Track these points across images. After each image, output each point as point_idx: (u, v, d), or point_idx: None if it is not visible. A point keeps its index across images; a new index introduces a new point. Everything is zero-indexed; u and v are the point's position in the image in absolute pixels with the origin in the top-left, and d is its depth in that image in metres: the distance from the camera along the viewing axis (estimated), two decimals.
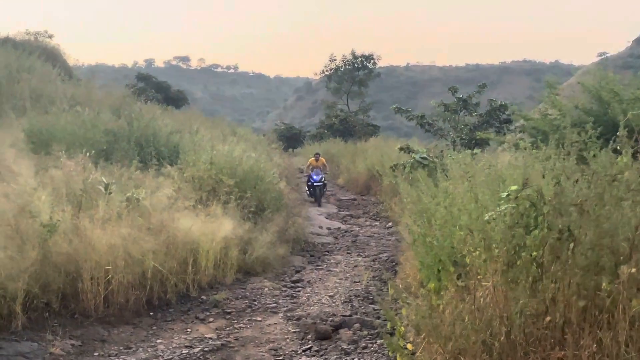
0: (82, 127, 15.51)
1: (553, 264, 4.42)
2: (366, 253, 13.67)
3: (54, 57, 33.37)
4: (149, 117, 18.46)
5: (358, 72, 47.99)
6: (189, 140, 16.89)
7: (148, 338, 7.75)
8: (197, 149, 15.03)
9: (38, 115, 16.59)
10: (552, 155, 6.67)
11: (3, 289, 7.17)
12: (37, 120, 15.82)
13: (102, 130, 15.71)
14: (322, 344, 7.55)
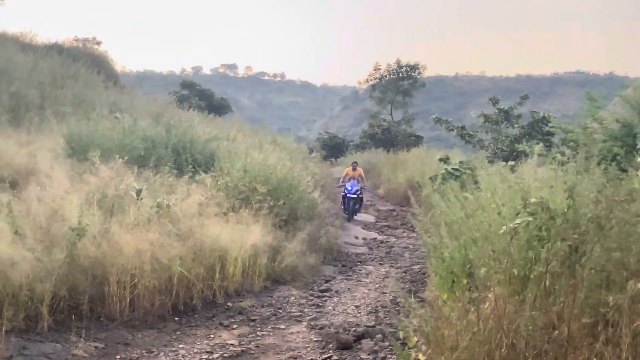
0: (120, 133, 15.83)
1: (563, 278, 4.45)
2: (399, 264, 13.70)
3: (101, 64, 33.92)
4: (187, 125, 18.76)
5: (402, 81, 47.92)
6: (226, 148, 17.07)
7: (171, 343, 7.90)
8: (232, 156, 15.20)
9: (78, 121, 16.95)
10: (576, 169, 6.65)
11: (30, 290, 7.39)
12: (77, 126, 16.15)
13: (140, 136, 16.00)
14: (342, 354, 7.61)
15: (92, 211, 9.12)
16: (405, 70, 47.69)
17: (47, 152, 13.56)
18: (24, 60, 23.07)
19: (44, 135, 15.71)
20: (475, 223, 6.31)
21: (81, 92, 22.86)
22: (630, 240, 4.33)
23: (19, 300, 7.30)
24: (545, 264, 4.60)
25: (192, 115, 25.14)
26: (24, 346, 6.93)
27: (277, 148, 20.65)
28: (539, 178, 6.97)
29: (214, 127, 22.75)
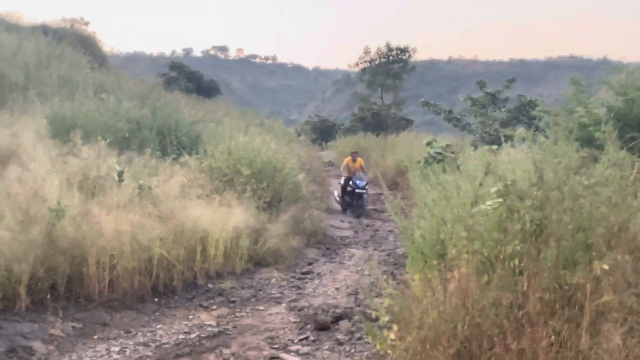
0: (105, 114, 15.83)
1: (529, 258, 4.54)
2: (383, 247, 13.81)
3: (88, 45, 33.77)
4: (173, 107, 18.78)
5: (393, 64, 47.90)
6: (212, 130, 17.11)
7: (149, 323, 7.98)
8: (217, 139, 15.24)
9: (62, 102, 16.93)
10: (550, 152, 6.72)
11: (8, 271, 7.44)
12: (60, 107, 16.13)
13: (125, 118, 16.01)
14: (319, 335, 7.71)
15: (73, 192, 9.15)
16: (396, 53, 47.65)
17: (30, 133, 13.55)
18: (9, 41, 22.99)
19: (28, 116, 15.67)
20: (450, 205, 6.40)
21: (66, 73, 22.74)
22: (594, 222, 4.42)
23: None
24: (512, 244, 4.69)
25: (179, 97, 25.08)
26: (0, 326, 7.00)
27: (264, 131, 20.71)
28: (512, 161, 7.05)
29: (201, 110, 22.77)
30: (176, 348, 7.15)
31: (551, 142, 6.89)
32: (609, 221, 4.35)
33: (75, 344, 7.10)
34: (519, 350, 4.02)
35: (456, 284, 4.62)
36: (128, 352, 6.95)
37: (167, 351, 7.05)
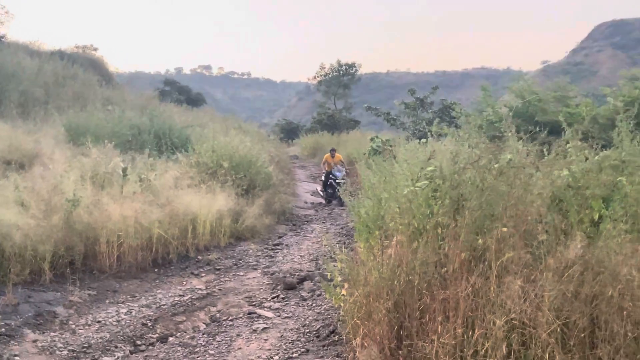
0: (111, 122, 15.63)
1: (449, 226, 4.58)
2: (337, 222, 13.83)
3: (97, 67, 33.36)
4: (166, 115, 18.61)
5: (343, 77, 47.94)
6: (199, 133, 16.99)
7: (150, 289, 7.90)
8: (203, 139, 15.13)
9: (76, 113, 16.71)
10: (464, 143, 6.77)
11: (34, 250, 7.33)
12: (75, 117, 15.94)
13: (128, 125, 15.83)
14: (287, 293, 7.73)
15: (86, 186, 9.04)
16: (345, 68, 47.73)
17: (50, 139, 13.35)
18: (31, 64, 22.56)
19: (48, 126, 15.45)
20: (387, 187, 6.44)
21: (79, 90, 22.47)
22: (497, 196, 4.47)
23: (25, 258, 7.25)
24: (436, 216, 4.72)
25: (172, 107, 24.83)
26: (29, 295, 6.88)
27: (241, 132, 20.59)
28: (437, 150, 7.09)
29: (190, 117, 22.62)
30: (173, 308, 7.09)
31: (465, 136, 6.96)
32: (508, 196, 4.40)
33: (91, 307, 7.01)
34: (443, 299, 4.05)
35: (393, 250, 4.64)
36: (134, 313, 6.88)
37: (165, 311, 6.99)
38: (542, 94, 12.45)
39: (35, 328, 6.20)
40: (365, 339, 4.53)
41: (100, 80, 27.41)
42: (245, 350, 5.57)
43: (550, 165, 5.14)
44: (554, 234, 4.24)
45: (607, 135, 7.67)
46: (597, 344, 3.32)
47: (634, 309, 3.26)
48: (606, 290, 3.43)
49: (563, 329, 3.46)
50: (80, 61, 29.15)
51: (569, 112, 11.26)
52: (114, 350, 5.83)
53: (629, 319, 3.25)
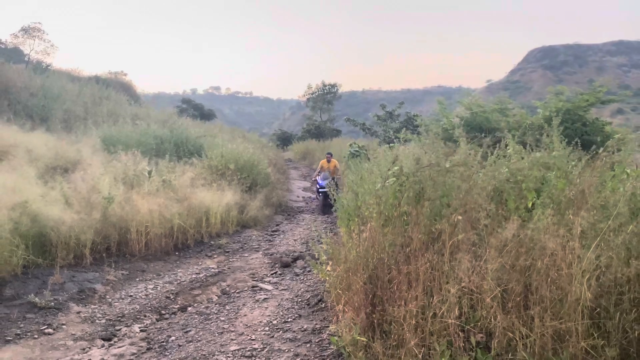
0: (138, 133, 15.51)
1: (412, 214, 4.59)
2: None
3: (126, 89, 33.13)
4: (184, 127, 18.48)
5: (327, 95, 47.86)
6: (210, 142, 16.90)
7: (172, 269, 7.88)
8: (213, 147, 15.06)
9: (110, 127, 16.57)
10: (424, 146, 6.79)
11: (77, 239, 7.29)
12: (109, 130, 15.80)
13: (152, 135, 15.70)
14: (284, 270, 7.72)
15: (118, 185, 8.99)
16: (328, 87, 47.65)
17: (89, 148, 13.21)
18: (73, 88, 22.40)
19: (87, 137, 15.27)
20: (363, 183, 6.45)
21: (112, 108, 22.25)
22: (451, 190, 4.49)
23: (69, 245, 7.22)
24: (402, 206, 4.73)
25: (188, 121, 24.64)
26: (73, 275, 6.84)
27: (245, 141, 20.50)
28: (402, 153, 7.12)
29: (203, 129, 22.45)
30: (190, 283, 7.07)
31: (425, 141, 7.00)
32: (460, 189, 4.43)
33: (124, 284, 6.97)
34: (407, 273, 4.06)
35: (367, 233, 4.65)
36: (159, 288, 6.85)
37: (184, 286, 6.97)
38: (487, 107, 12.52)
39: (79, 302, 6.17)
40: (346, 306, 4.55)
41: (129, 100, 27.22)
42: (250, 317, 5.57)
43: (492, 164, 5.19)
44: (495, 219, 4.28)
45: (538, 139, 7.74)
46: (530, 305, 3.36)
47: (558, 277, 3.29)
48: (536, 263, 3.46)
49: (503, 294, 3.49)
50: (112, 84, 28.96)
51: (508, 121, 11.35)
52: (143, 319, 5.80)
53: (554, 285, 3.29)
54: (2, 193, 6.74)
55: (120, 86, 31.89)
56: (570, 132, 9.97)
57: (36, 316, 5.58)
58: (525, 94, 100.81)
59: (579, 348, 3.07)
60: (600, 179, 3.98)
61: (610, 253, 3.31)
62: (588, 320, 3.12)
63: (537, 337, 3.19)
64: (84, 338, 5.16)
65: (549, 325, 3.18)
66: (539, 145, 6.00)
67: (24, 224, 6.65)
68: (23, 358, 4.57)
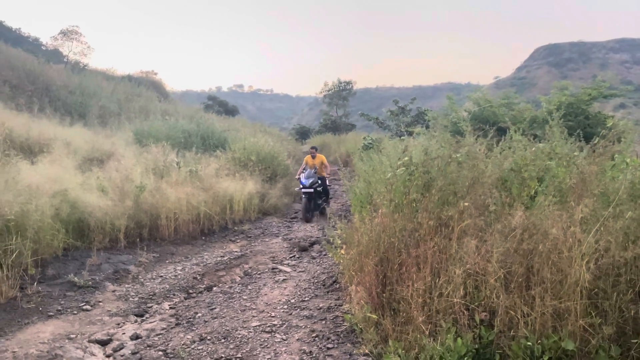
0: (168, 128, 15.65)
1: (421, 201, 4.58)
2: (339, 201, 13.77)
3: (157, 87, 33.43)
4: (209, 122, 18.59)
5: (342, 92, 47.65)
6: (234, 136, 17.00)
7: (199, 252, 7.96)
8: (237, 140, 15.15)
9: (141, 122, 16.75)
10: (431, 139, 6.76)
11: (112, 224, 7.41)
12: (140, 124, 15.97)
13: (180, 130, 15.84)
14: (301, 254, 7.75)
15: (149, 175, 9.10)
16: (343, 84, 47.46)
17: (122, 141, 13.41)
18: (108, 86, 22.67)
19: (120, 131, 15.50)
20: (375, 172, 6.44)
21: (144, 104, 22.53)
22: (458, 179, 4.47)
23: (105, 230, 7.33)
24: (412, 194, 4.72)
25: (213, 116, 24.77)
26: (108, 257, 6.96)
27: (266, 135, 20.56)
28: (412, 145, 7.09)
29: (227, 124, 22.57)
30: (215, 265, 7.15)
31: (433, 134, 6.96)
32: (467, 178, 4.40)
33: (155, 266, 7.08)
34: (416, 256, 4.06)
35: (379, 219, 4.65)
36: (187, 269, 6.94)
37: (210, 267, 7.05)
38: (494, 102, 12.36)
39: (114, 281, 6.28)
40: (358, 286, 4.56)
41: (159, 97, 27.50)
42: (270, 296, 5.62)
43: (497, 155, 5.15)
44: (501, 206, 4.25)
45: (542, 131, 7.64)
46: (531, 286, 3.33)
47: (559, 259, 3.26)
48: (539, 246, 3.43)
49: (506, 276, 3.47)
50: (144, 83, 29.24)
51: (513, 115, 11.20)
52: (172, 297, 5.89)
53: (555, 267, 3.26)
54: (44, 182, 6.86)
55: (151, 84, 32.17)
56: (573, 125, 9.81)
57: (75, 294, 5.70)
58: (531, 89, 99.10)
59: (577, 326, 3.04)
60: (600, 168, 3.92)
61: (609, 237, 3.26)
62: (586, 300, 3.09)
63: (538, 316, 3.17)
64: (119, 314, 5.26)
65: (549, 304, 3.16)
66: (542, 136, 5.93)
67: (64, 210, 6.78)
68: (64, 331, 4.68)
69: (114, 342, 4.58)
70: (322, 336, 4.34)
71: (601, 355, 2.96)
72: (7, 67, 17.92)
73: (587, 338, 3.04)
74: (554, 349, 3.05)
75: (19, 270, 5.48)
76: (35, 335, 4.51)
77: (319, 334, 4.39)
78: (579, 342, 3.03)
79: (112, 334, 4.74)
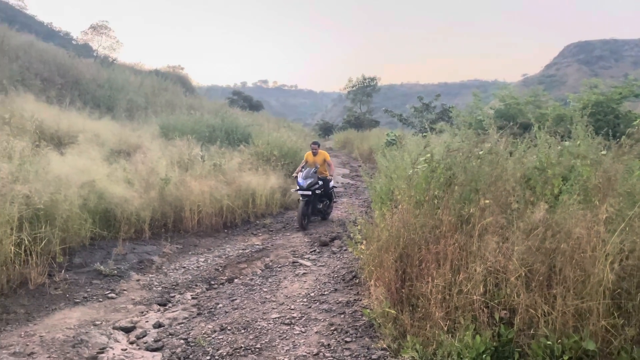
0: (193, 122, 15.86)
1: (443, 198, 4.55)
2: (361, 197, 13.73)
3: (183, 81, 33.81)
4: (233, 117, 18.75)
5: (366, 88, 47.44)
6: (257, 130, 17.11)
7: (221, 244, 8.07)
8: (260, 135, 15.25)
9: (167, 116, 17.00)
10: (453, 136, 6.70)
11: (137, 215, 7.56)
12: (166, 118, 16.21)
13: (205, 124, 16.03)
14: (322, 248, 7.77)
15: (174, 168, 9.24)
16: (368, 81, 47.25)
17: (148, 135, 13.63)
18: (135, 80, 23.04)
19: (147, 125, 15.75)
20: (396, 169, 6.42)
21: (170, 99, 22.85)
22: (479, 176, 4.43)
23: (131, 221, 7.48)
24: (433, 190, 4.70)
25: (238, 111, 24.96)
26: (134, 247, 7.11)
27: (289, 130, 20.63)
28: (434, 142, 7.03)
29: (251, 118, 22.71)
30: (237, 258, 7.24)
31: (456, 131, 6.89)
32: (489, 175, 4.36)
33: (178, 257, 7.21)
34: (436, 252, 4.06)
35: (399, 215, 4.65)
36: (209, 261, 7.05)
37: (232, 259, 7.14)
38: (520, 99, 12.17)
39: (138, 271, 6.42)
40: (377, 281, 4.57)
41: (185, 92, 27.86)
42: (289, 289, 5.67)
43: (521, 152, 5.08)
44: (523, 204, 4.20)
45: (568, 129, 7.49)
46: (553, 285, 3.30)
47: (581, 259, 3.22)
48: (561, 245, 3.39)
49: (527, 274, 3.44)
50: (170, 77, 29.64)
51: (540, 113, 10.99)
52: (194, 288, 6.00)
53: (577, 267, 3.22)
54: (72, 173, 7.03)
55: (178, 79, 32.60)
56: (602, 124, 9.60)
57: (101, 282, 5.86)
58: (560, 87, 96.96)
59: (599, 326, 3.00)
60: (626, 167, 3.83)
61: (635, 238, 3.21)
62: (609, 301, 3.04)
63: (559, 315, 3.14)
64: (142, 303, 5.39)
65: (570, 304, 3.12)
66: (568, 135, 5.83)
67: (92, 201, 6.94)
68: (89, 318, 4.81)
69: (138, 329, 4.69)
70: (340, 330, 4.36)
71: (623, 356, 2.92)
72: (38, 61, 18.40)
73: (609, 339, 2.99)
74: (575, 349, 3.01)
75: (47, 258, 5.65)
76: (62, 321, 4.65)
77: (337, 327, 4.42)
78: (601, 343, 2.99)
79: (135, 321, 4.86)
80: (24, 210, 5.39)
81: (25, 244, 5.30)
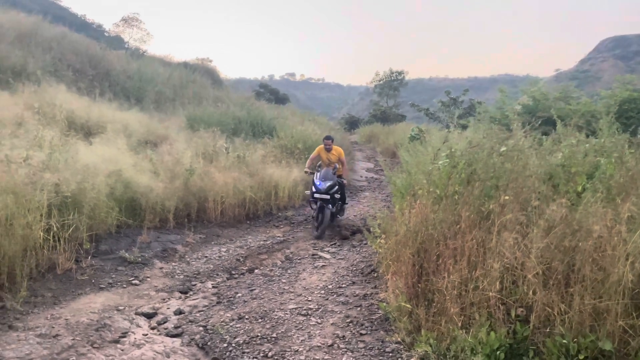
0: (219, 114, 16.04)
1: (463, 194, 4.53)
2: (384, 192, 13.69)
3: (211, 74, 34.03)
4: (260, 110, 18.89)
5: (393, 82, 47.09)
6: (282, 123, 17.19)
7: (243, 235, 8.18)
8: (285, 128, 15.32)
9: (194, 108, 17.23)
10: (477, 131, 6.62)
11: (162, 205, 7.72)
12: (193, 110, 16.43)
13: (231, 116, 16.19)
14: (342, 242, 7.82)
15: (199, 159, 9.39)
16: (395, 75, 46.88)
17: (175, 126, 13.86)
18: (164, 72, 23.34)
19: (174, 116, 16.01)
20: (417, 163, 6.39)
21: (198, 91, 23.08)
22: (500, 172, 4.39)
23: (156, 210, 7.64)
24: (453, 186, 4.67)
25: (264, 104, 25.11)
26: (158, 236, 7.27)
27: (314, 123, 20.64)
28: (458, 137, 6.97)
29: (276, 111, 22.82)
30: (258, 249, 7.33)
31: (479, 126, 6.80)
32: (510, 172, 4.32)
33: (201, 246, 7.33)
34: (454, 248, 4.04)
35: (418, 210, 4.64)
36: (231, 251, 7.16)
37: (253, 250, 7.24)
38: (549, 95, 11.93)
39: (162, 259, 6.57)
40: (395, 275, 4.59)
41: (212, 84, 28.09)
42: (308, 280, 5.73)
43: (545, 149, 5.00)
44: (545, 202, 4.14)
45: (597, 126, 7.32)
46: (570, 284, 3.26)
47: (601, 258, 3.17)
48: (581, 244, 3.34)
49: (545, 272, 3.40)
50: (199, 70, 29.91)
51: (569, 109, 10.75)
52: (215, 277, 6.11)
53: (596, 266, 3.17)
54: (100, 162, 7.23)
55: (206, 71, 32.86)
56: (634, 122, 9.35)
57: (125, 269, 6.02)
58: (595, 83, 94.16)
59: (616, 326, 2.96)
60: None
61: None
62: (628, 301, 2.99)
63: (576, 314, 3.10)
64: (165, 290, 5.52)
65: (588, 303, 3.08)
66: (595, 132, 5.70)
67: (118, 189, 7.12)
68: (113, 303, 4.97)
69: (159, 315, 4.82)
70: (356, 322, 4.40)
71: None
72: (71, 52, 18.85)
73: (627, 339, 2.95)
74: (591, 349, 2.98)
75: (74, 244, 5.83)
76: (87, 305, 4.82)
77: (353, 319, 4.45)
78: (618, 343, 2.95)
79: (157, 308, 4.99)
80: (53, 198, 5.58)
81: (54, 231, 5.48)
